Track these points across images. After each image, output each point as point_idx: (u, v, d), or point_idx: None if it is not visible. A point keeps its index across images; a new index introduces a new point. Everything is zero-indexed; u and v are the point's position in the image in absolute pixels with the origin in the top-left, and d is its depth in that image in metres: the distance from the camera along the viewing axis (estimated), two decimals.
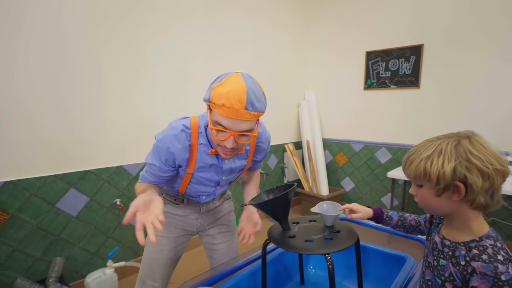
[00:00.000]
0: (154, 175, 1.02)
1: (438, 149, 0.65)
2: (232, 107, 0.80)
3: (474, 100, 2.53)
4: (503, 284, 0.58)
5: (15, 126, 1.61)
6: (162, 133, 0.98)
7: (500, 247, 0.63)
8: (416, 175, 0.68)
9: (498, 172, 0.62)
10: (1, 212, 1.61)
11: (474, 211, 0.66)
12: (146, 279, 1.15)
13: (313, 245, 0.86)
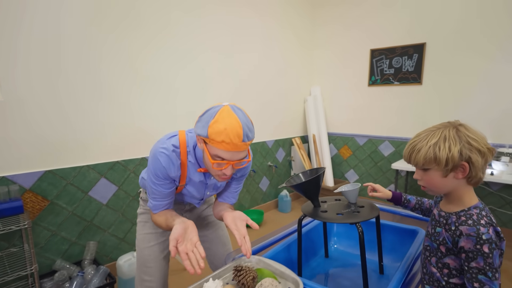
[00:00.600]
0: (162, 196, 1.05)
1: (443, 136, 0.76)
2: (231, 142, 0.87)
3: (474, 96, 2.69)
4: (483, 242, 0.71)
5: (53, 119, 1.74)
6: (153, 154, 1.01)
7: (485, 215, 0.75)
8: (425, 161, 0.78)
9: (490, 150, 0.76)
10: (42, 199, 1.75)
11: (468, 186, 0.79)
12: (143, 276, 1.19)
13: (344, 217, 1.01)
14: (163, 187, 1.04)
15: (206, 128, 0.88)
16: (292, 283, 0.89)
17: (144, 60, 2.10)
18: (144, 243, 1.19)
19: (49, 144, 1.74)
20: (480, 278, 0.72)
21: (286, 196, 3.37)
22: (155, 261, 1.19)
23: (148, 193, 1.08)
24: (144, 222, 1.22)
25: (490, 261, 0.71)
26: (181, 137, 1.04)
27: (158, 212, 1.08)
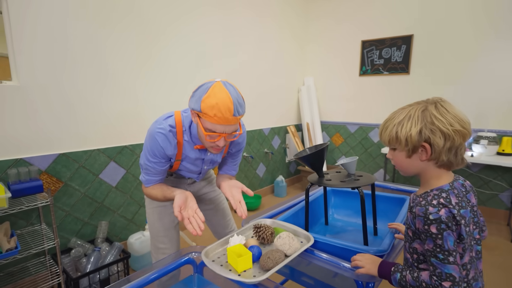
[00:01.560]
0: (156, 172, 1.13)
1: (408, 115, 0.74)
2: (223, 116, 0.93)
3: (457, 84, 2.90)
4: (430, 222, 0.68)
5: (66, 105, 1.82)
6: (151, 133, 1.07)
7: (444, 196, 0.71)
8: (389, 139, 0.77)
9: (457, 133, 0.70)
10: (57, 181, 1.83)
11: (440, 169, 0.75)
12: (158, 244, 1.29)
13: (346, 183, 1.16)
14: (158, 165, 1.11)
15: (199, 103, 0.95)
16: (304, 238, 1.03)
17: (150, 52, 2.18)
18: (154, 216, 1.29)
19: (63, 128, 1.82)
20: (432, 260, 0.70)
21: (282, 182, 3.53)
22: (167, 230, 1.29)
23: (142, 168, 1.14)
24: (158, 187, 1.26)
25: (439, 242, 0.68)
26: (177, 117, 1.10)
27: (150, 186, 1.16)
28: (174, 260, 0.96)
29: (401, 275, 0.77)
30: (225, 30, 2.75)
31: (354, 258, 0.86)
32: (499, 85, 2.68)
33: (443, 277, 0.68)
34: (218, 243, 0.99)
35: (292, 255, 0.91)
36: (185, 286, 0.97)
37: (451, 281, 0.67)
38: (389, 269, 0.79)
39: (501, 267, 2.06)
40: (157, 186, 1.16)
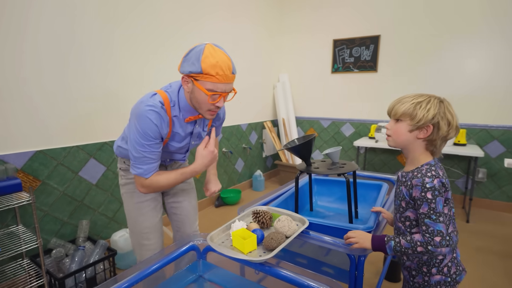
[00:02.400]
0: (154, 157, 1.06)
1: (427, 100, 0.89)
2: (224, 74, 0.96)
3: (420, 82, 3.16)
4: (427, 190, 0.83)
5: (42, 100, 1.74)
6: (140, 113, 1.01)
7: (433, 169, 0.86)
8: (404, 111, 0.90)
9: (456, 128, 0.88)
10: (33, 179, 1.75)
11: (426, 152, 0.91)
12: (142, 241, 1.23)
13: (333, 170, 1.26)
14: (154, 147, 1.05)
15: (199, 64, 0.94)
16: (299, 221, 1.12)
17: (130, 49, 2.14)
18: (137, 212, 1.22)
19: (39, 124, 1.74)
20: (426, 221, 0.84)
21: (260, 176, 3.62)
22: (151, 226, 1.24)
23: (135, 159, 1.05)
24: (131, 192, 1.24)
25: (433, 206, 0.83)
26: (162, 94, 1.06)
27: (151, 175, 1.08)
28: (178, 248, 0.99)
29: (395, 242, 0.88)
30: (203, 31, 2.76)
31: (348, 236, 0.95)
32: (454, 81, 2.98)
33: (435, 233, 0.83)
34: (220, 229, 1.04)
35: (292, 235, 0.98)
36: (190, 272, 1.01)
37: (440, 236, 0.82)
38: (381, 240, 0.90)
39: (459, 245, 2.32)
40: (160, 172, 1.11)
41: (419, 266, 0.93)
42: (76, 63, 1.87)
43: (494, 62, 2.78)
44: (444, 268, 0.91)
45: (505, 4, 2.66)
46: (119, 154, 1.26)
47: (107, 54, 2.02)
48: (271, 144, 3.98)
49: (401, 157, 3.39)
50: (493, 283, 1.83)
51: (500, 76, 2.77)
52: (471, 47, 2.86)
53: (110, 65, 2.05)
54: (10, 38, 1.58)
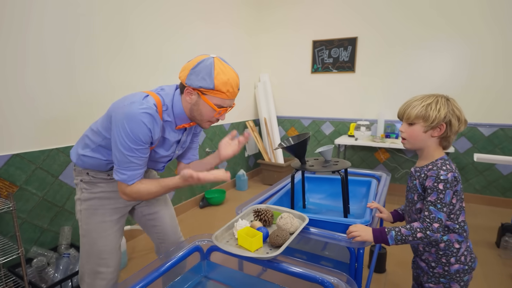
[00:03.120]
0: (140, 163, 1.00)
1: (435, 101, 0.95)
2: (233, 91, 1.00)
3: (395, 81, 3.33)
4: (440, 181, 0.90)
5: (18, 100, 1.63)
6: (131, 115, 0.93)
7: (448, 163, 0.94)
8: (416, 116, 0.96)
9: (465, 121, 0.95)
10: (10, 185, 1.64)
11: (439, 146, 0.98)
12: (98, 268, 1.10)
13: (328, 167, 1.31)
14: (142, 152, 0.98)
15: (211, 81, 0.95)
16: (299, 218, 1.14)
17: (113, 51, 2.06)
18: (98, 232, 1.10)
19: (15, 126, 1.63)
20: (431, 208, 0.90)
21: (243, 176, 3.63)
22: (112, 251, 1.11)
23: (119, 164, 0.98)
24: (94, 209, 1.11)
25: (441, 196, 0.89)
26: (155, 97, 1.01)
27: (133, 182, 1.01)
28: (183, 250, 0.98)
29: (395, 231, 0.94)
30: (185, 34, 2.72)
31: (350, 230, 0.99)
32: (425, 81, 3.17)
33: (435, 220, 0.89)
34: (223, 229, 1.04)
35: (295, 232, 1.01)
36: (194, 273, 1.00)
37: (439, 223, 0.89)
38: (382, 232, 0.95)
39: None
40: (146, 181, 1.04)
41: (438, 257, 0.98)
42: (55, 63, 1.77)
43: (458, 63, 3.00)
44: (462, 257, 0.96)
45: (468, 9, 2.88)
46: (82, 164, 1.11)
47: (87, 56, 1.93)
48: (253, 143, 4.00)
49: (378, 154, 3.55)
50: None
51: (462, 76, 2.99)
52: (437, 49, 3.06)
53: (90, 66, 1.96)
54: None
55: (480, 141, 3.03)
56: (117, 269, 1.14)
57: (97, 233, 1.10)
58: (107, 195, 1.13)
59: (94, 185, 1.12)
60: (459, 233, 0.96)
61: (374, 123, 3.46)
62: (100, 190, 1.12)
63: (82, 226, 1.12)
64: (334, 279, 0.80)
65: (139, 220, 1.29)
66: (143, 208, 1.27)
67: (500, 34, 2.80)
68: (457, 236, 0.96)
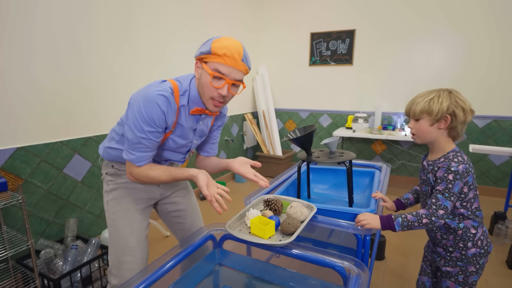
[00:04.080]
0: (151, 146, 0.99)
1: (437, 95, 1.00)
2: (232, 56, 0.92)
3: (392, 74, 3.37)
4: (450, 172, 0.95)
5: (21, 93, 1.62)
6: (147, 96, 0.94)
7: (459, 155, 0.98)
8: (420, 111, 1.01)
9: (471, 110, 0.99)
10: (15, 178, 1.64)
11: (449, 138, 1.02)
12: (123, 257, 1.07)
13: (333, 159, 1.34)
14: (154, 135, 0.98)
15: (209, 44, 0.93)
16: (307, 208, 1.18)
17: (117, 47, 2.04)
18: (124, 221, 1.09)
19: (19, 119, 1.62)
20: (439, 196, 0.95)
21: None
22: (138, 240, 1.09)
23: (129, 143, 0.98)
24: (120, 198, 1.12)
25: (450, 186, 0.94)
26: (173, 82, 1.02)
27: (143, 164, 1.01)
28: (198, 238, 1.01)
29: (402, 218, 0.99)
30: (184, 27, 2.70)
31: (359, 218, 1.03)
32: (421, 73, 3.22)
33: (441, 207, 0.95)
34: (235, 218, 1.07)
35: (306, 220, 1.05)
36: (208, 261, 1.04)
37: (444, 211, 0.95)
38: (389, 219, 0.99)
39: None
40: (154, 166, 1.03)
41: (456, 242, 1.03)
42: (59, 57, 1.76)
43: (453, 56, 3.05)
44: (478, 242, 1.01)
45: (465, 1, 2.92)
46: (107, 157, 1.14)
47: (89, 49, 1.92)
48: (251, 135, 4.03)
49: (375, 146, 3.61)
50: None
51: (457, 69, 3.05)
52: (434, 41, 3.10)
53: (94, 60, 1.95)
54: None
55: (474, 132, 3.11)
56: (143, 262, 1.11)
57: (123, 221, 1.10)
58: (131, 185, 1.13)
59: (119, 176, 1.13)
60: (472, 219, 1.01)
61: (371, 115, 3.51)
62: (124, 181, 1.13)
63: (109, 216, 1.12)
64: (345, 263, 0.85)
65: (165, 217, 1.28)
66: (168, 206, 1.25)
67: (495, 28, 2.86)
68: (472, 222, 1.01)
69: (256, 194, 1.36)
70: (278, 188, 1.46)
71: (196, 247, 0.97)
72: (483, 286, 1.74)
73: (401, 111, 3.39)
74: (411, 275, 1.84)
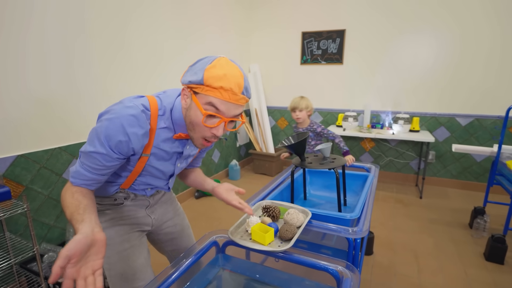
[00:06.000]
0: (96, 167, 0.79)
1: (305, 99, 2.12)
2: (231, 90, 0.76)
3: (381, 73, 3.48)
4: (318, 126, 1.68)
5: (19, 101, 1.64)
6: (114, 112, 0.78)
7: (315, 122, 1.89)
8: (305, 105, 2.11)
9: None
10: (17, 185, 1.67)
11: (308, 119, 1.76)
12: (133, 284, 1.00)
13: (325, 165, 1.43)
14: (107, 159, 0.79)
15: (202, 73, 0.76)
16: (303, 213, 1.27)
17: (111, 52, 2.06)
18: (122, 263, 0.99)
19: (18, 127, 1.65)
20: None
21: (236, 165, 3.74)
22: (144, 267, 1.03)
23: (81, 156, 0.81)
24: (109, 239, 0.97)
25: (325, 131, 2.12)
26: (151, 99, 0.84)
27: (77, 186, 0.81)
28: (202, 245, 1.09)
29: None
30: (177, 27, 2.71)
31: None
32: (409, 72, 3.34)
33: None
34: (236, 225, 1.15)
35: (301, 226, 1.13)
36: (212, 267, 1.12)
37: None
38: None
39: (413, 217, 2.71)
40: (80, 193, 0.80)
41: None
42: (55, 65, 1.77)
43: (439, 55, 3.17)
44: None
45: (448, 5, 3.02)
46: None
47: (85, 58, 1.93)
48: (244, 133, 4.09)
49: (364, 143, 3.74)
50: (444, 247, 2.21)
51: (442, 68, 3.17)
52: (420, 41, 3.21)
53: (89, 67, 1.97)
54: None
55: (457, 130, 3.26)
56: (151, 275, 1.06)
57: (123, 265, 0.99)
58: (118, 222, 1.00)
59: (101, 214, 0.98)
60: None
61: (360, 114, 3.63)
62: (109, 218, 0.99)
63: (108, 253, 0.98)
64: (339, 267, 0.94)
65: (155, 244, 1.22)
66: (161, 236, 1.18)
67: (478, 29, 2.98)
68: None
69: (254, 199, 1.44)
70: (274, 192, 1.54)
71: (202, 254, 1.05)
72: (463, 277, 1.89)
73: (389, 109, 3.51)
74: (398, 269, 1.98)
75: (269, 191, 1.56)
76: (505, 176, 2.20)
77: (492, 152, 2.29)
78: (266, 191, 1.55)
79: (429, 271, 1.96)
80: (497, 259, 2.01)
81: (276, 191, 1.55)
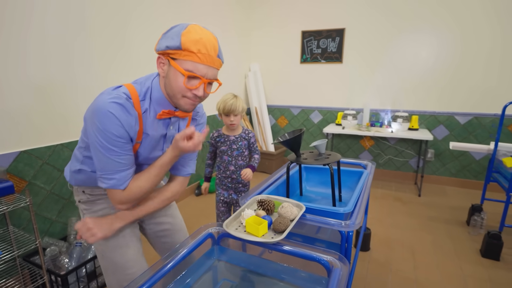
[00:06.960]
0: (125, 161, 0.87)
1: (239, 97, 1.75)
2: (207, 53, 0.81)
3: (381, 72, 3.49)
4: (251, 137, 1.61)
5: (22, 97, 1.68)
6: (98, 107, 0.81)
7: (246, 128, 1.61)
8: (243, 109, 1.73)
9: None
10: (20, 180, 1.71)
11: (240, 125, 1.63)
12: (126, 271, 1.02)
13: (319, 161, 1.46)
14: (123, 149, 0.85)
15: (179, 38, 0.79)
16: (297, 207, 1.30)
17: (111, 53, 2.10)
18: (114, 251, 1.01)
19: (22, 123, 1.69)
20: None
21: None
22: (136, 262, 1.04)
23: (102, 169, 0.86)
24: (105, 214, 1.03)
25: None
26: (129, 87, 0.88)
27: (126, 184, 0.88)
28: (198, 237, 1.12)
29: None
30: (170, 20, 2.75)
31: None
32: (409, 71, 3.35)
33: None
34: (232, 217, 1.18)
35: (295, 219, 1.16)
36: (208, 258, 1.15)
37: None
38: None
39: (411, 215, 2.73)
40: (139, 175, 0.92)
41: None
42: (56, 61, 1.81)
43: (439, 54, 3.18)
44: None
45: (448, 4, 3.03)
46: (75, 182, 1.02)
47: (86, 54, 1.97)
48: None
49: (363, 141, 3.76)
50: (441, 244, 2.23)
51: (442, 67, 3.19)
52: (420, 40, 3.22)
53: (88, 63, 2.01)
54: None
55: (456, 128, 3.27)
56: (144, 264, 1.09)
57: (115, 253, 1.02)
58: (111, 211, 1.04)
59: (93, 203, 1.03)
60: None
61: (360, 112, 3.64)
62: (101, 207, 1.03)
63: (96, 248, 1.04)
64: (329, 257, 0.97)
65: (150, 237, 1.23)
66: (152, 226, 1.19)
67: (479, 27, 2.99)
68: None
69: (250, 194, 1.47)
70: (270, 187, 1.57)
71: (197, 245, 1.08)
72: (458, 273, 1.91)
73: (388, 108, 3.53)
74: (394, 265, 2.00)
75: (265, 187, 1.59)
76: (501, 173, 2.21)
77: (488, 149, 2.31)
78: (262, 187, 1.58)
79: (425, 267, 1.98)
80: (493, 256, 2.03)
81: (272, 187, 1.58)
